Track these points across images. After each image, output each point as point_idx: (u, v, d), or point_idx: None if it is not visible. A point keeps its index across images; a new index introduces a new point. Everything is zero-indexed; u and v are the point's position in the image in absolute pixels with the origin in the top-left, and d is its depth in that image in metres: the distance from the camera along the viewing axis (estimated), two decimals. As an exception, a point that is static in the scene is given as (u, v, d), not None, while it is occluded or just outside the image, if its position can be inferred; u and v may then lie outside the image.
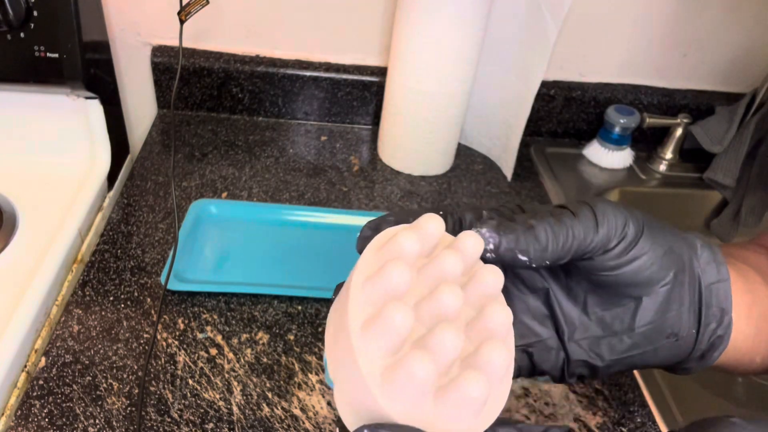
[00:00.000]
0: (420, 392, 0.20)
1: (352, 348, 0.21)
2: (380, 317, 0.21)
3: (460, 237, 0.26)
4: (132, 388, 0.53)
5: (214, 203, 0.72)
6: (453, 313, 0.23)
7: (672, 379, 0.60)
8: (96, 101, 0.73)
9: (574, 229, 0.29)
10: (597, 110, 0.93)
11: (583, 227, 0.29)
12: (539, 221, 0.29)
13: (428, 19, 0.71)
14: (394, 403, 0.20)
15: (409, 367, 0.20)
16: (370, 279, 0.23)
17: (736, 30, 0.89)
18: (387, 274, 0.23)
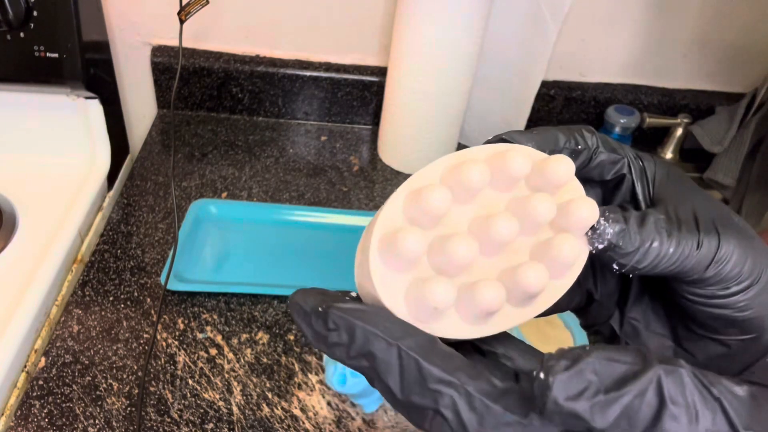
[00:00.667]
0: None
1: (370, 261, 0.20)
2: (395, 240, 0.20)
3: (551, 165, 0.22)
4: (132, 388, 0.53)
5: (214, 203, 0.72)
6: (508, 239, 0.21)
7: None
8: (96, 101, 0.73)
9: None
10: (597, 110, 0.93)
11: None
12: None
13: (428, 19, 0.71)
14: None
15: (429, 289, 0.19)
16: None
17: (736, 30, 0.89)
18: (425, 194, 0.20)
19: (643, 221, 0.21)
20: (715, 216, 0.22)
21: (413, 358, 0.18)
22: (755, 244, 0.22)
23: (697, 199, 0.23)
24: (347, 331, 0.19)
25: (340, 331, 0.19)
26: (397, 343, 0.18)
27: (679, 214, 0.22)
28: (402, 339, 0.18)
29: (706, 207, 0.22)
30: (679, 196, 0.23)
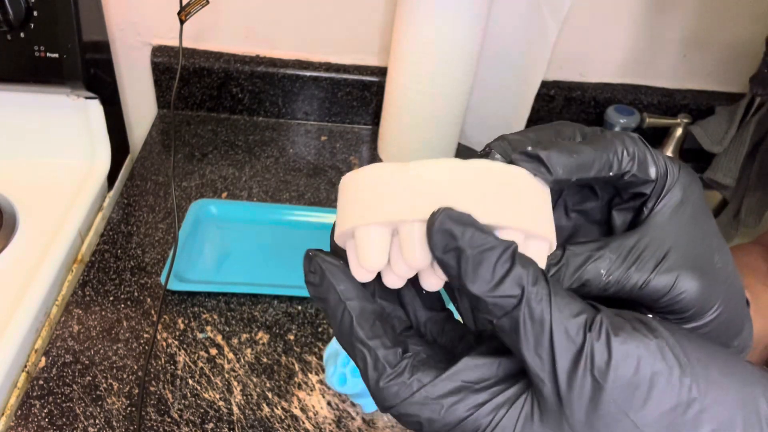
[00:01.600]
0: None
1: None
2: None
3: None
4: (132, 388, 0.53)
5: (214, 203, 0.72)
6: None
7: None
8: (96, 101, 0.73)
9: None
10: (597, 110, 0.93)
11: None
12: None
13: (428, 19, 0.71)
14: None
15: None
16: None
17: (736, 30, 0.89)
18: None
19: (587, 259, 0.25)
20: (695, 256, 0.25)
21: (350, 317, 0.23)
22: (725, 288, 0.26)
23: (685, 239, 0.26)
24: (320, 276, 0.24)
25: (316, 274, 0.24)
26: (345, 302, 0.23)
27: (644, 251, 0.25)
28: (350, 300, 0.23)
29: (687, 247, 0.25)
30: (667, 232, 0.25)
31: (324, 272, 0.23)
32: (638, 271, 0.25)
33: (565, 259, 0.25)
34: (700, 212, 0.26)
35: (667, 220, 0.26)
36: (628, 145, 0.25)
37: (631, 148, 0.25)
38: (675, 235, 0.26)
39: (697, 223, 0.26)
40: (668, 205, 0.26)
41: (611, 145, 0.25)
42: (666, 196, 0.26)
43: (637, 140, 0.25)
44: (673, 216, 0.26)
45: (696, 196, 0.26)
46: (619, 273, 0.25)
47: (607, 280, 0.25)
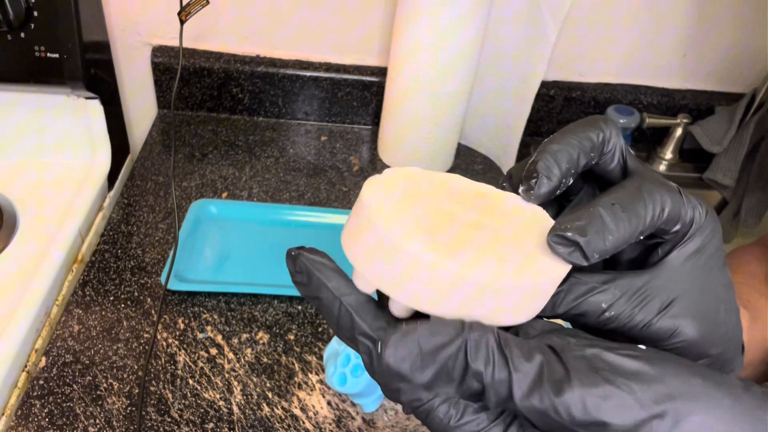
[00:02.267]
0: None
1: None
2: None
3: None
4: (132, 387, 0.53)
5: (215, 203, 0.72)
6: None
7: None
8: (96, 101, 0.73)
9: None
10: (597, 110, 0.93)
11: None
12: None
13: (428, 20, 0.71)
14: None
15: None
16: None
17: (736, 30, 0.89)
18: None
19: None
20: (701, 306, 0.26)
21: (348, 311, 0.23)
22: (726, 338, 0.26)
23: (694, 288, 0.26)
24: (307, 275, 0.23)
25: (302, 274, 0.23)
26: (340, 298, 0.23)
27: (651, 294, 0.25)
28: (345, 295, 0.23)
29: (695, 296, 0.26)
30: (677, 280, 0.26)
31: (311, 271, 0.23)
32: (641, 313, 0.25)
33: (567, 285, 0.25)
34: (715, 261, 0.27)
35: (679, 266, 0.26)
36: (665, 205, 0.25)
37: (668, 207, 0.25)
38: (685, 283, 0.26)
39: (710, 273, 0.27)
40: (684, 252, 0.26)
41: (649, 210, 0.24)
42: (685, 244, 0.26)
43: (675, 194, 0.25)
44: (686, 263, 0.26)
45: (714, 245, 0.26)
46: (622, 311, 0.25)
47: (608, 316, 0.25)
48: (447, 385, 0.21)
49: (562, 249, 0.23)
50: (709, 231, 0.26)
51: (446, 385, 0.21)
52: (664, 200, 0.25)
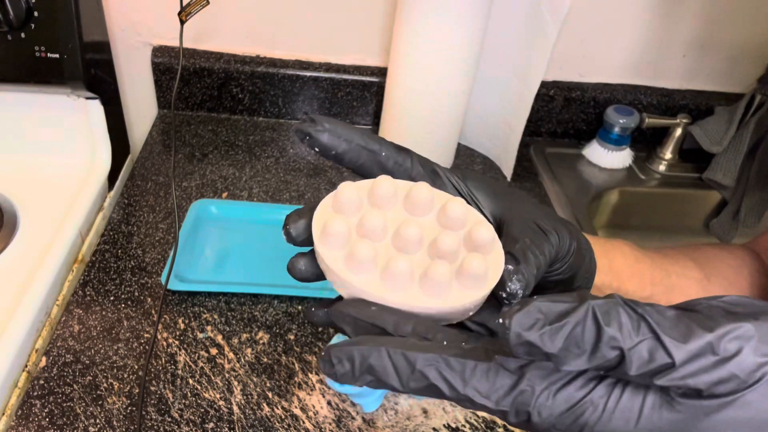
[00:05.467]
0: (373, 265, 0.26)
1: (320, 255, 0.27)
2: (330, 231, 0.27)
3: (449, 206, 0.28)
4: (132, 387, 0.53)
5: (215, 203, 0.72)
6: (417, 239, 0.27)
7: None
8: (96, 101, 0.73)
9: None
10: (596, 110, 0.93)
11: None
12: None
13: (428, 20, 0.71)
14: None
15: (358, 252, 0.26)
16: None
17: (735, 30, 0.90)
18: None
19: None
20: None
21: (400, 353, 0.22)
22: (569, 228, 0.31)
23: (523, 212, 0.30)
24: (348, 359, 0.23)
25: (342, 362, 0.23)
26: (385, 348, 0.23)
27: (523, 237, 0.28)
28: (387, 344, 0.23)
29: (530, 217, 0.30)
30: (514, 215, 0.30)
31: (351, 351, 0.23)
32: (545, 241, 0.28)
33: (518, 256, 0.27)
34: (511, 192, 0.31)
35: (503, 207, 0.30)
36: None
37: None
38: (521, 211, 0.30)
39: (521, 200, 0.31)
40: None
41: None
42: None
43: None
44: (501, 203, 0.30)
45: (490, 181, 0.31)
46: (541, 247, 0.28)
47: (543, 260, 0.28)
48: (578, 357, 0.20)
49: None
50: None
51: (577, 357, 0.20)
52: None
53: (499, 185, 0.32)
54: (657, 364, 0.19)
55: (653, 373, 0.19)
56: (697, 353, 0.19)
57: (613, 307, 0.20)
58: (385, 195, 0.28)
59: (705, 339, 0.19)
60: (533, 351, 0.20)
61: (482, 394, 0.21)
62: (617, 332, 0.19)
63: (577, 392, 0.21)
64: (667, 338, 0.19)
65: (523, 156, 0.91)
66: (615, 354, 0.19)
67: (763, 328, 0.19)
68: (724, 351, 0.19)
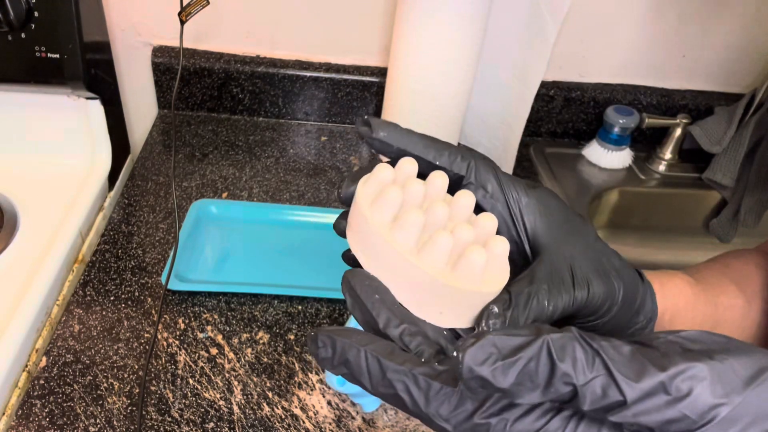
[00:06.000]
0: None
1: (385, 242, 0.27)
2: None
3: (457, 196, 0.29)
4: (133, 387, 0.53)
5: (215, 203, 0.72)
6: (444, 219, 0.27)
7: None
8: (97, 101, 0.73)
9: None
10: (596, 110, 0.94)
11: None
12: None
13: (428, 20, 0.71)
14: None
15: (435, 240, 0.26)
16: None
17: (735, 31, 0.90)
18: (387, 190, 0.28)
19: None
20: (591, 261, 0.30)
21: (375, 358, 0.23)
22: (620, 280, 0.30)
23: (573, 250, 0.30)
24: (331, 346, 0.24)
25: (326, 347, 0.24)
26: (364, 348, 0.23)
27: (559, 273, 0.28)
28: (367, 345, 0.24)
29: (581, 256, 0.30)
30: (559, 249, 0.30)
31: (333, 339, 0.24)
32: (566, 293, 0.27)
33: (514, 300, 0.26)
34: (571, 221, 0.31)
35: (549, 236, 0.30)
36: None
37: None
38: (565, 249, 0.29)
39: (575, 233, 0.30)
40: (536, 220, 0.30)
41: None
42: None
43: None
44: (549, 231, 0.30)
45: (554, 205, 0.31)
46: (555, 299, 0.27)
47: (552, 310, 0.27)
48: (531, 391, 0.20)
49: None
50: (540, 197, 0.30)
51: (530, 392, 0.20)
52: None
53: (561, 212, 0.31)
54: (609, 400, 0.19)
55: (606, 409, 0.19)
56: (649, 392, 0.19)
57: (568, 341, 0.20)
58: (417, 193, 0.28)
59: (657, 378, 0.19)
60: (486, 385, 0.20)
61: (443, 417, 0.22)
62: (571, 368, 0.20)
63: (533, 423, 0.21)
64: (620, 376, 0.19)
65: (523, 156, 0.91)
66: (568, 389, 0.20)
67: (717, 368, 0.19)
68: (676, 391, 0.19)
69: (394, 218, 0.27)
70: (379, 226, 0.26)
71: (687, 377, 0.19)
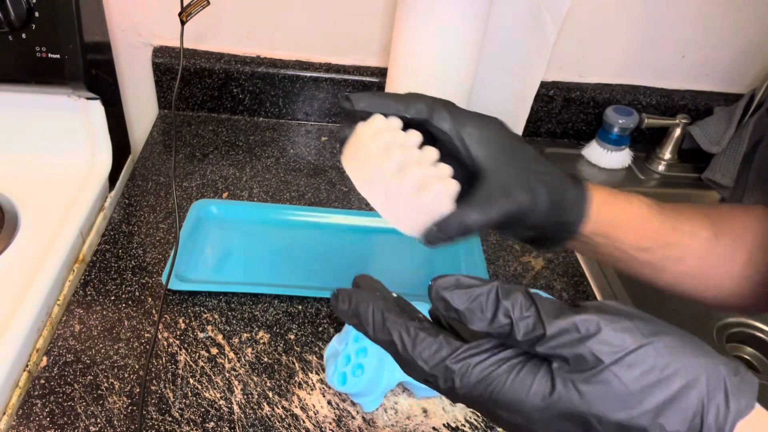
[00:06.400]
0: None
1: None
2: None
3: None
4: (133, 387, 0.53)
5: (215, 203, 0.73)
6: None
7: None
8: (97, 102, 0.73)
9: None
10: (596, 111, 0.94)
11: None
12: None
13: (428, 21, 0.71)
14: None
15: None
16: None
17: (735, 31, 0.90)
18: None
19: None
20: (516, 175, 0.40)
21: (380, 311, 0.29)
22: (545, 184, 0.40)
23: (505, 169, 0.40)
24: (348, 300, 0.30)
25: (345, 301, 0.30)
26: (372, 304, 0.29)
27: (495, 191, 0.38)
28: (375, 301, 0.29)
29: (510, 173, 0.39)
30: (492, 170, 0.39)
31: (352, 294, 0.30)
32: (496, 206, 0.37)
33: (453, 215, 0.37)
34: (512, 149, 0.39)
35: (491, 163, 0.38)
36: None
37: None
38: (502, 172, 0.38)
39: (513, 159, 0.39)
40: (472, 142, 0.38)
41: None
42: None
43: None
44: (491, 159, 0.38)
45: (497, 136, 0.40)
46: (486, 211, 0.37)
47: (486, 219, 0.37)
48: (481, 321, 0.26)
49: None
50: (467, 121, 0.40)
51: (480, 321, 0.26)
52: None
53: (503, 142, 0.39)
54: (536, 333, 0.25)
55: (533, 341, 0.25)
56: (565, 328, 0.25)
57: (514, 290, 0.26)
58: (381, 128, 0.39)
59: (572, 319, 0.25)
60: (447, 307, 0.26)
61: (423, 359, 0.27)
62: (510, 305, 0.25)
63: (488, 368, 0.26)
64: (545, 315, 0.25)
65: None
66: (507, 322, 0.25)
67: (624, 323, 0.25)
68: (585, 330, 0.24)
69: (384, 151, 0.37)
70: (375, 155, 0.37)
71: (595, 322, 0.24)
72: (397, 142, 0.38)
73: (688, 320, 0.82)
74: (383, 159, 0.37)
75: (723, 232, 0.46)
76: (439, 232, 0.37)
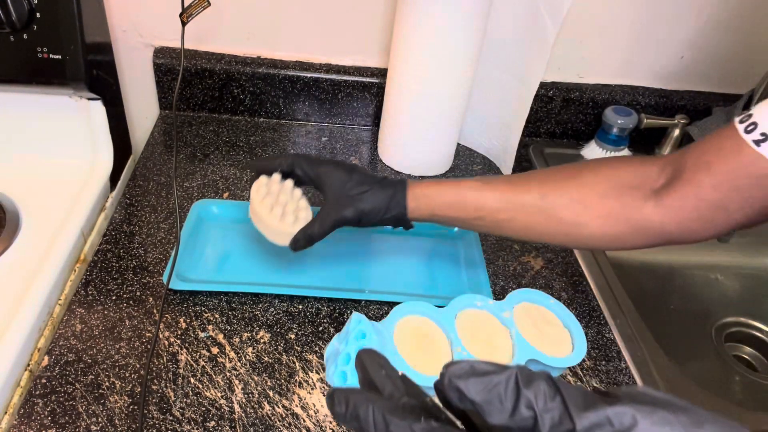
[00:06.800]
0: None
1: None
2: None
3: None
4: (134, 386, 0.54)
5: (216, 203, 0.73)
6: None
7: (669, 377, 0.61)
8: (98, 102, 0.73)
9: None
10: (595, 111, 0.94)
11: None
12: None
13: (428, 21, 0.71)
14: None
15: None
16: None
17: (733, 32, 0.90)
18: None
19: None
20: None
21: (381, 413, 0.25)
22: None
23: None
24: (345, 402, 0.27)
25: (341, 404, 0.27)
26: (372, 405, 0.26)
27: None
28: (375, 402, 0.26)
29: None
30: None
31: (348, 396, 0.27)
32: (329, 219, 0.58)
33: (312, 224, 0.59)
34: (346, 181, 0.58)
35: (331, 194, 0.59)
36: None
37: None
38: (337, 198, 0.58)
39: (344, 187, 0.57)
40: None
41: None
42: None
43: None
44: (331, 191, 0.59)
45: (335, 176, 0.59)
46: (325, 222, 0.59)
47: (328, 225, 0.58)
48: (500, 412, 0.23)
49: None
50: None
51: (499, 413, 0.23)
52: None
53: (340, 178, 0.58)
54: (564, 428, 0.22)
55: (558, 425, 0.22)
56: (597, 423, 0.22)
57: (536, 377, 0.23)
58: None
59: (604, 412, 0.22)
60: (462, 398, 0.23)
61: None
62: (533, 396, 0.22)
63: None
64: (573, 407, 0.22)
65: (522, 156, 0.91)
66: (530, 414, 0.22)
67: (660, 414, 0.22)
68: (619, 424, 0.21)
69: (260, 200, 0.58)
70: (256, 203, 0.58)
71: (630, 414, 0.21)
72: (272, 191, 0.58)
73: (688, 320, 0.83)
74: (260, 205, 0.57)
75: (551, 190, 0.55)
76: (298, 241, 0.57)
